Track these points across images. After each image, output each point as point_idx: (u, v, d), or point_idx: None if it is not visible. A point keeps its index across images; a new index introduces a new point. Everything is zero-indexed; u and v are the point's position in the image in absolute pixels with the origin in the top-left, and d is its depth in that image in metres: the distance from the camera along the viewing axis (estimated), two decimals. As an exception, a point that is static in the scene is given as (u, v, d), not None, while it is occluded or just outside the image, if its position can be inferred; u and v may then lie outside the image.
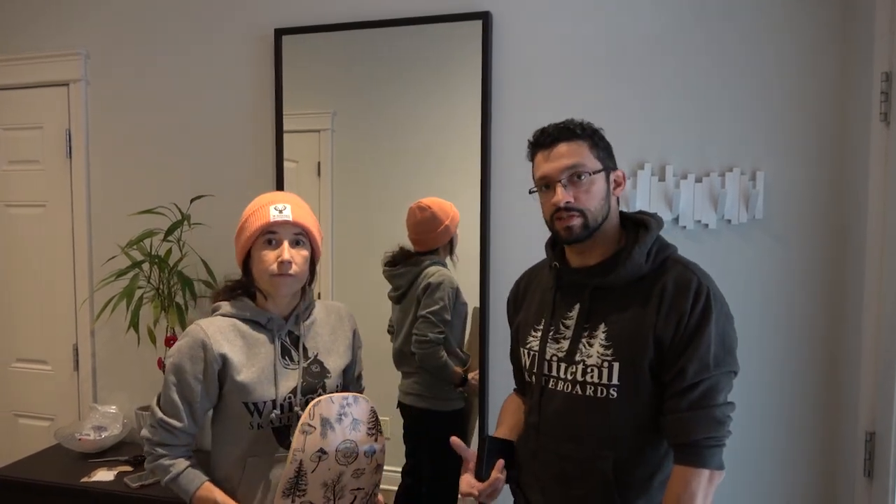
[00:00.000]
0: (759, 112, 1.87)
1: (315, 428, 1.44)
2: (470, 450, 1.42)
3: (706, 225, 1.92)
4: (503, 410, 1.58)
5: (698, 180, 1.91)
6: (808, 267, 1.86)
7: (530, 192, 1.38)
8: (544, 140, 1.32)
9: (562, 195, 1.27)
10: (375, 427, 1.54)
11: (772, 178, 1.87)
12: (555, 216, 1.30)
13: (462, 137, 2.08)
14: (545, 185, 1.32)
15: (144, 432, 1.49)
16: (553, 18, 2.02)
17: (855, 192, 1.81)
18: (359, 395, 1.54)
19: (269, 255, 1.45)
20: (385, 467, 1.58)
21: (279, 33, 2.24)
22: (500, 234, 2.09)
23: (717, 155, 1.91)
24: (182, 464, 1.47)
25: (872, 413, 1.75)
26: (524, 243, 1.99)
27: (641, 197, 1.94)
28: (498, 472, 1.37)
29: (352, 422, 1.49)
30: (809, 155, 1.84)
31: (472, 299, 2.11)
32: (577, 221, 1.28)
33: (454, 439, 1.40)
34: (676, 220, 1.94)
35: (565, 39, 2.02)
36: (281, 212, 1.44)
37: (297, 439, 1.43)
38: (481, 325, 2.09)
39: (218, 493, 1.45)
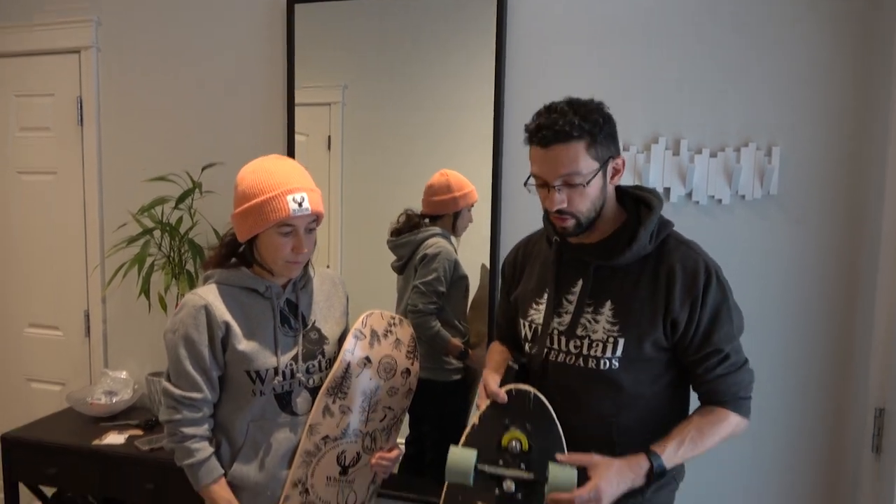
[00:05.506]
0: (775, 86, 1.85)
1: (366, 336, 1.54)
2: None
3: (720, 200, 1.90)
4: (490, 352, 1.62)
5: (713, 155, 1.90)
6: (823, 243, 1.84)
7: (525, 185, 1.39)
8: (540, 139, 1.29)
9: (555, 201, 1.30)
10: (414, 352, 1.64)
11: (788, 153, 1.85)
12: (549, 213, 1.35)
13: (474, 111, 2.06)
14: (540, 183, 1.34)
15: (163, 416, 1.46)
16: (569, -12, 1.99)
17: (872, 168, 1.79)
18: (403, 318, 1.64)
19: (285, 244, 1.42)
20: (390, 437, 1.62)
21: (291, 2, 2.22)
22: (512, 206, 2.07)
23: (732, 129, 1.89)
24: (206, 450, 1.46)
25: (882, 389, 1.74)
26: (535, 216, 1.97)
27: (655, 171, 1.93)
28: None
29: (395, 341, 1.60)
30: (826, 130, 1.82)
31: (479, 274, 2.11)
32: (570, 223, 1.33)
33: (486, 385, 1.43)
34: (690, 194, 1.92)
35: (580, 10, 1.99)
36: (300, 204, 1.39)
37: (348, 341, 1.53)
38: (490, 299, 2.09)
39: (227, 491, 1.47)
